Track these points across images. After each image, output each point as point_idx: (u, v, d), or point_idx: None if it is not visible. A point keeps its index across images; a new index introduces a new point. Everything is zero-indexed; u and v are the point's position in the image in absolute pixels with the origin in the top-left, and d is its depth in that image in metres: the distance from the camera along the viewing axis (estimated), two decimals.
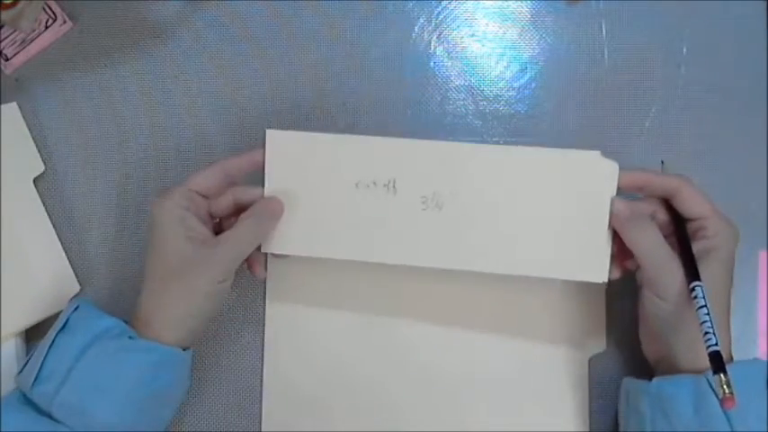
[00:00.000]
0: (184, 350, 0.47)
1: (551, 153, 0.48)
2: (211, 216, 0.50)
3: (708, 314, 0.42)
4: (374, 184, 0.49)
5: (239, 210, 0.50)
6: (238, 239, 0.47)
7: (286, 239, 0.50)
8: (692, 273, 0.45)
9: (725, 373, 0.41)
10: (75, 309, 0.47)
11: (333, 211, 0.49)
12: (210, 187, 0.49)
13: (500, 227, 0.48)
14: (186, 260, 0.46)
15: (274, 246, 0.50)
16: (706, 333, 0.42)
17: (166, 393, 0.47)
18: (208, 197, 0.49)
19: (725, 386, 0.40)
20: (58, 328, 0.46)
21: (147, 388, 0.45)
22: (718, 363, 0.41)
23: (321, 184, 0.49)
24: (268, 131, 0.49)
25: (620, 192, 0.48)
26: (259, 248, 0.50)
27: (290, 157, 0.49)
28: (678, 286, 0.45)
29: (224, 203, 0.49)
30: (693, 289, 0.44)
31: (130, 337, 0.45)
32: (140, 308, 0.47)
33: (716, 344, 0.41)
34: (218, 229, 0.50)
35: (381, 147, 0.49)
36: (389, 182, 0.49)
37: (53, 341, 0.45)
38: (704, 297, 0.43)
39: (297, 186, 0.49)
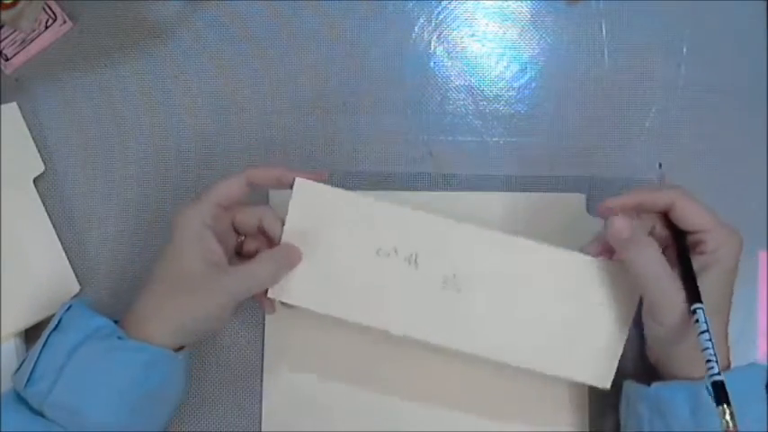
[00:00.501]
0: (179, 350, 0.47)
1: (578, 259, 0.48)
2: (237, 231, 0.50)
3: (710, 340, 0.41)
4: (395, 253, 0.48)
5: (263, 232, 0.50)
6: (250, 276, 0.47)
7: (297, 290, 0.49)
8: (692, 294, 0.43)
9: (728, 404, 0.40)
10: (68, 308, 0.47)
11: (349, 273, 0.49)
12: (234, 197, 0.48)
13: (514, 318, 0.48)
14: (196, 279, 0.46)
15: (283, 293, 0.49)
16: (708, 361, 0.41)
17: (160, 393, 0.47)
18: (230, 208, 0.49)
19: (728, 419, 0.39)
20: (51, 328, 0.46)
21: (140, 388, 0.45)
22: (721, 394, 0.40)
23: (341, 244, 0.49)
24: (297, 180, 0.48)
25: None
26: (266, 291, 0.49)
27: (315, 210, 0.49)
28: (677, 313, 0.44)
29: (251, 223, 0.49)
30: (695, 311, 0.42)
31: (120, 338, 0.44)
32: (139, 305, 0.47)
33: (718, 373, 0.40)
34: (239, 249, 0.51)
35: (409, 219, 0.49)
36: (412, 255, 0.48)
37: (46, 341, 0.45)
38: (706, 321, 0.42)
39: (316, 239, 0.49)
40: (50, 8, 0.60)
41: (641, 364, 0.52)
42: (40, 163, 0.59)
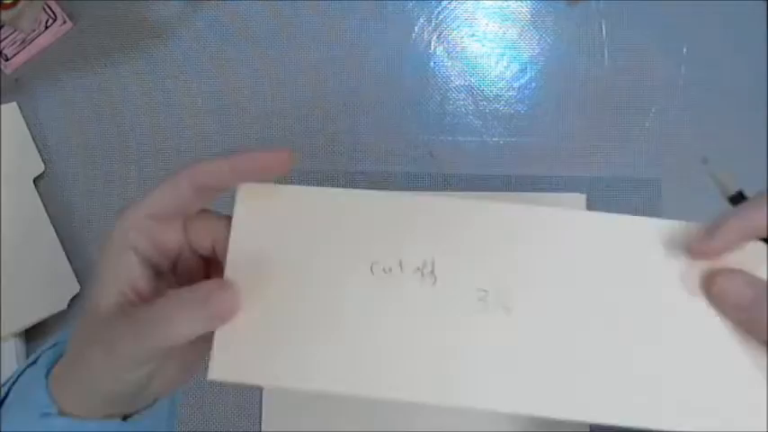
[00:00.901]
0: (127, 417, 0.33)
1: (675, 226, 0.30)
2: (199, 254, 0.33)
3: None
4: (400, 267, 0.31)
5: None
6: (150, 330, 0.29)
7: (248, 357, 0.30)
8: None
9: None
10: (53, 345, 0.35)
11: (330, 311, 0.30)
12: (172, 208, 0.31)
13: (607, 344, 0.29)
14: (103, 326, 0.31)
15: (227, 368, 0.30)
16: None
17: None
18: (175, 220, 0.32)
19: None
20: (29, 362, 0.35)
21: None
22: None
23: (316, 266, 0.31)
24: (241, 187, 0.32)
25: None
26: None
27: (271, 223, 0.31)
28: None
29: (204, 243, 0.32)
30: None
31: (43, 414, 0.32)
32: (61, 361, 0.33)
33: None
34: (206, 273, 0.34)
35: (414, 209, 0.31)
36: (424, 264, 0.31)
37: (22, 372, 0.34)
38: None
39: (276, 269, 0.31)
40: (50, 8, 0.60)
41: None
42: (40, 163, 0.59)
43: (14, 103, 0.59)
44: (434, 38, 0.61)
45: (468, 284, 0.30)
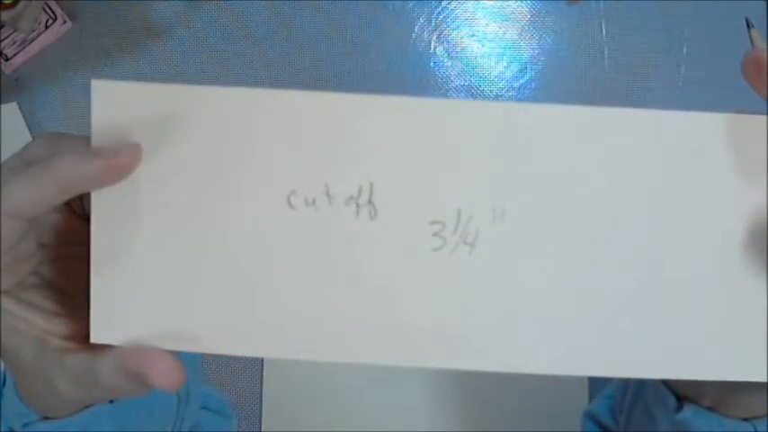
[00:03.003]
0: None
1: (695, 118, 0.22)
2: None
3: None
4: (327, 196, 0.23)
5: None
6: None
7: (135, 317, 0.23)
8: None
9: None
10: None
11: (236, 260, 0.23)
12: (35, 207, 0.23)
13: (594, 285, 0.23)
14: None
15: (110, 329, 0.23)
16: None
17: None
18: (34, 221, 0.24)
19: None
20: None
21: None
22: None
23: (208, 201, 0.23)
24: (94, 82, 0.24)
25: None
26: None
27: (151, 139, 0.24)
28: None
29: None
30: None
31: (26, 424, 0.28)
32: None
33: None
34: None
35: (339, 113, 0.22)
36: (360, 191, 0.23)
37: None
38: None
39: (161, 202, 0.23)
40: (50, 8, 0.60)
41: None
42: None
43: (14, 103, 0.59)
44: (434, 38, 0.61)
45: (420, 215, 0.23)
